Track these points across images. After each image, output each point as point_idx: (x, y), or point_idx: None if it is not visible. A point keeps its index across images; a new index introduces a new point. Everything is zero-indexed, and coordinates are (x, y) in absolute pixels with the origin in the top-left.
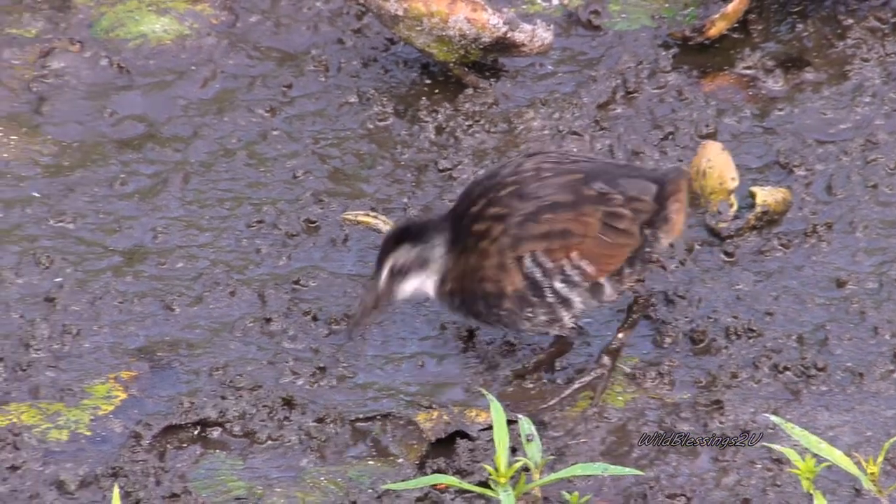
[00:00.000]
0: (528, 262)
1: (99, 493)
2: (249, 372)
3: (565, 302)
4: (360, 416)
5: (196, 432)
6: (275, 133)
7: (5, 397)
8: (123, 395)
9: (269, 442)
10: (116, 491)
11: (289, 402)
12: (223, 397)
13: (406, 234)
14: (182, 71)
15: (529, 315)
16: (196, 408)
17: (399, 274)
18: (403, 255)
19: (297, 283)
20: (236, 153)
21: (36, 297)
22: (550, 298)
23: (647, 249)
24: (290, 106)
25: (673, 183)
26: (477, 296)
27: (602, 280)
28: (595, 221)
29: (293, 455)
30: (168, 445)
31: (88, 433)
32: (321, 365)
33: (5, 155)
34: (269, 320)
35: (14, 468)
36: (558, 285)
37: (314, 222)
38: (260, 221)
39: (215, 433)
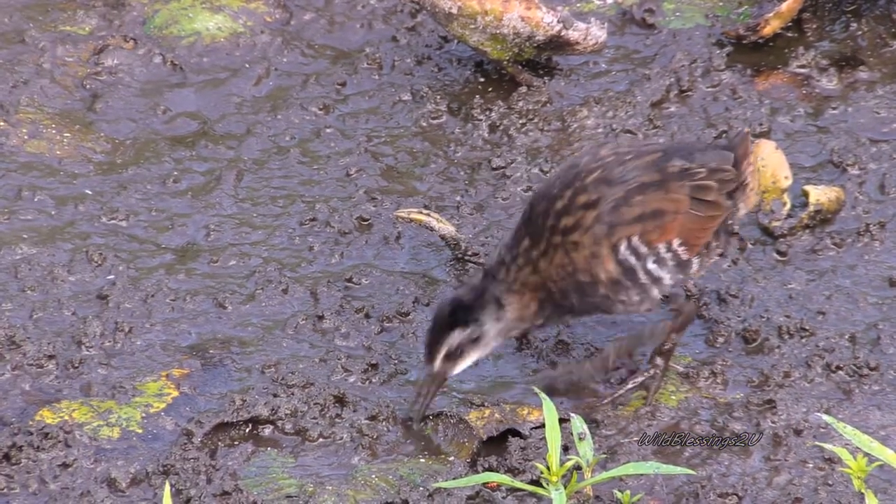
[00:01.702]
0: (622, 248)
1: (150, 491)
2: (301, 369)
3: (657, 280)
4: (413, 413)
5: (247, 430)
6: (328, 131)
7: (57, 395)
8: (175, 393)
9: (321, 439)
10: (167, 489)
11: (340, 400)
12: (275, 395)
13: (456, 319)
14: (236, 68)
15: (623, 298)
16: (248, 405)
17: (454, 356)
18: (457, 338)
19: (349, 280)
20: (289, 151)
21: (88, 295)
22: (644, 280)
23: (729, 220)
24: (344, 104)
25: (741, 146)
26: (569, 291)
27: (692, 256)
28: (685, 197)
29: (344, 453)
30: (219, 443)
31: (140, 431)
32: (373, 362)
33: (58, 152)
34: (321, 318)
35: (65, 466)
36: (651, 266)
37: (367, 220)
38: (313, 219)
39: (267, 431)
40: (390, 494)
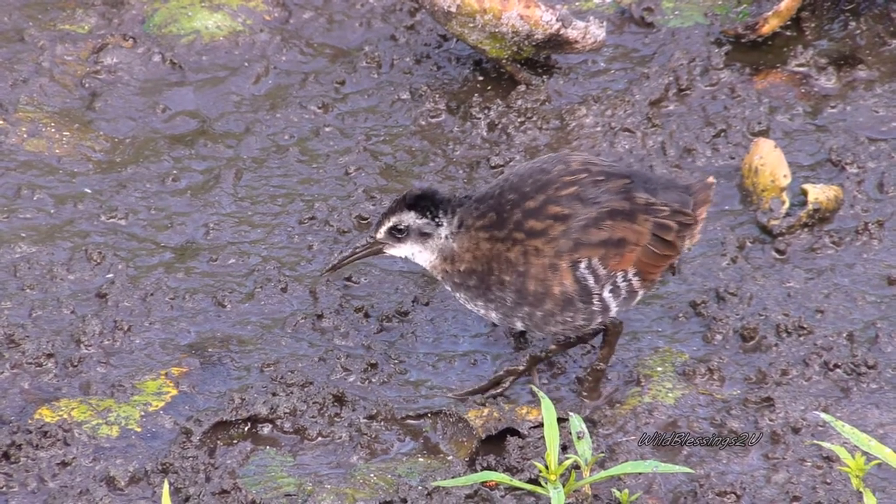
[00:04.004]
0: (582, 266)
1: (149, 490)
2: (300, 368)
3: (606, 309)
4: (411, 413)
5: (246, 428)
6: (327, 129)
7: (56, 393)
8: (174, 392)
9: (320, 438)
10: (166, 487)
11: (339, 399)
12: (274, 394)
13: (419, 202)
14: (235, 67)
15: (568, 318)
16: (247, 404)
17: (397, 235)
18: (408, 220)
19: (348, 279)
20: (288, 149)
21: (87, 293)
22: (596, 305)
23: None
24: (343, 102)
25: (702, 194)
26: (508, 287)
27: (641, 288)
28: (647, 231)
29: (343, 452)
30: (218, 442)
31: (139, 429)
32: (373, 361)
33: (58, 151)
34: (320, 317)
35: (64, 464)
36: (606, 294)
37: (366, 219)
38: (312, 218)
39: (266, 429)
40: (389, 493)
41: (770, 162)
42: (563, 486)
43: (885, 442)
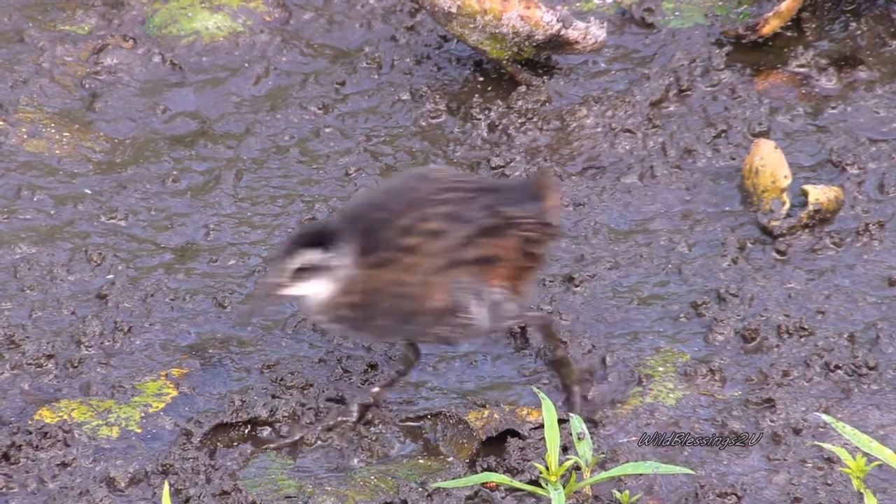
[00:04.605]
0: (455, 284)
1: (149, 491)
2: (300, 370)
3: (473, 321)
4: (411, 414)
5: (246, 430)
6: (327, 130)
7: (56, 394)
8: (174, 393)
9: (319, 441)
10: (166, 488)
11: (339, 401)
12: (274, 396)
13: (319, 238)
14: (235, 68)
15: (439, 332)
16: (247, 406)
17: (304, 274)
18: (313, 257)
19: None
20: (289, 150)
21: (87, 294)
22: (465, 320)
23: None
24: (343, 103)
25: (545, 189)
26: (389, 310)
27: (512, 301)
28: (515, 245)
29: (343, 454)
30: (218, 443)
31: (139, 430)
32: (372, 363)
33: (58, 151)
34: None
35: (64, 465)
36: (475, 309)
37: None
38: (312, 219)
39: (265, 432)
40: (389, 495)
41: (771, 163)
42: (564, 488)
43: (885, 443)
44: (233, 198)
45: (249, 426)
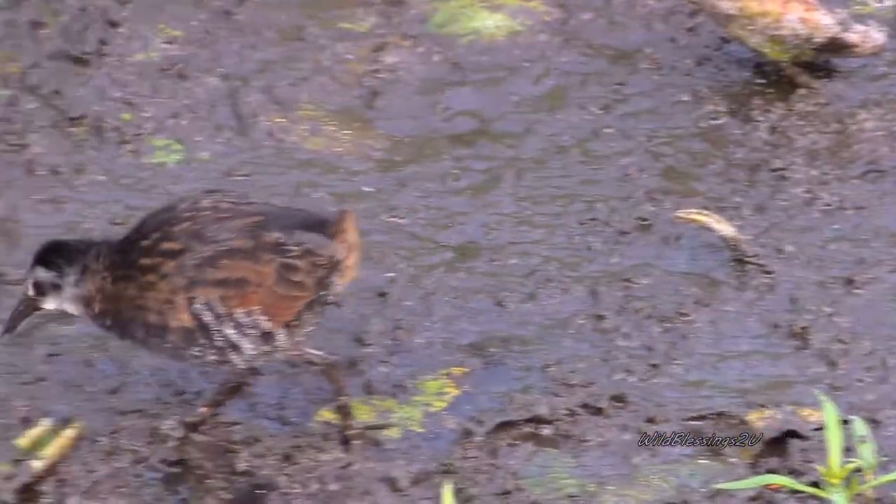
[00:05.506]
0: (199, 304)
1: (430, 490)
2: (581, 369)
3: (235, 347)
4: (693, 414)
5: (528, 429)
6: (608, 131)
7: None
8: (456, 392)
9: (600, 440)
10: (448, 488)
11: (621, 400)
12: (555, 394)
13: (44, 257)
14: (514, 67)
15: (197, 353)
16: (528, 404)
17: (40, 291)
18: (41, 275)
19: (628, 280)
20: (569, 150)
21: (368, 292)
22: (219, 343)
23: (324, 294)
24: (624, 103)
25: (337, 224)
26: (136, 322)
27: (275, 330)
28: (271, 271)
29: (625, 453)
30: (500, 442)
31: (420, 430)
32: (654, 362)
33: (338, 149)
34: (601, 317)
35: (346, 466)
36: (229, 332)
37: (646, 220)
38: (592, 219)
39: (547, 430)
40: (671, 495)
41: None
42: (846, 490)
43: None
44: (513, 197)
45: (531, 425)
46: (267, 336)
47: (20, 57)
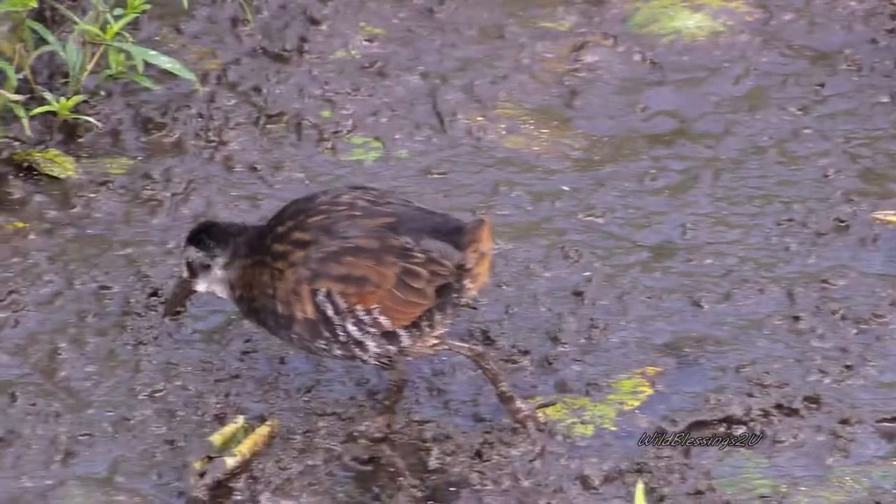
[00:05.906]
0: (321, 297)
1: (622, 489)
2: (776, 370)
3: (359, 344)
4: (887, 415)
5: (721, 429)
6: (806, 131)
7: (532, 390)
8: (649, 391)
9: (793, 440)
10: (640, 487)
11: (815, 401)
12: (749, 395)
13: (196, 237)
14: (714, 67)
15: (323, 346)
16: (722, 405)
17: (192, 271)
18: (192, 254)
19: (825, 281)
20: (767, 151)
21: (564, 291)
22: (343, 337)
23: (454, 298)
24: (823, 104)
25: (469, 234)
26: (267, 311)
27: (398, 329)
28: (392, 274)
29: (818, 454)
30: (693, 442)
31: (613, 428)
32: (848, 363)
33: (536, 148)
34: (797, 318)
35: (538, 462)
36: (350, 328)
37: (844, 221)
38: (789, 219)
39: (740, 430)
40: (863, 497)
41: None
42: None
43: None
44: (710, 197)
45: (724, 425)
46: (389, 336)
47: (220, 53)
